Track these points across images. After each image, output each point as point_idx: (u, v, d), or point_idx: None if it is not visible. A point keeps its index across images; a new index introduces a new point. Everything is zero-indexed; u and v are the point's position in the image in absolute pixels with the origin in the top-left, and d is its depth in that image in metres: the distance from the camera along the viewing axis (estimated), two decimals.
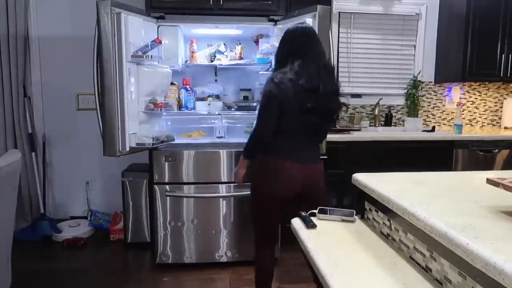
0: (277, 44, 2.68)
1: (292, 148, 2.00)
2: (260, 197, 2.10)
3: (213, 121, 3.19)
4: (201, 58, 3.12)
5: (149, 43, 2.58)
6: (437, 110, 3.93)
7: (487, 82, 3.90)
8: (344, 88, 3.80)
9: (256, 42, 3.18)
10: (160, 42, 2.64)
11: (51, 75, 3.52)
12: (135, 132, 2.60)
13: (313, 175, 2.07)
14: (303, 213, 1.63)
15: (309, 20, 2.52)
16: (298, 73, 1.90)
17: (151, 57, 2.58)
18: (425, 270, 1.18)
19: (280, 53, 2.05)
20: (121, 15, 2.40)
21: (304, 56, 1.93)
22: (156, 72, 2.77)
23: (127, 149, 2.53)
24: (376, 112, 3.79)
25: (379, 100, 3.78)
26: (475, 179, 1.58)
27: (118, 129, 2.49)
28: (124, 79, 2.46)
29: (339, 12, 3.69)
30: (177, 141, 2.86)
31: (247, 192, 2.79)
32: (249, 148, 2.11)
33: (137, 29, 2.58)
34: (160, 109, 2.72)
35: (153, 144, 2.64)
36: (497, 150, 3.36)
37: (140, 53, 2.52)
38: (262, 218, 2.16)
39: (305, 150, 2.05)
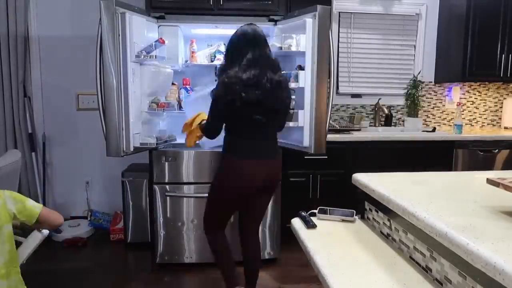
0: (277, 44, 2.71)
1: (246, 146, 2.09)
2: (221, 191, 2.18)
3: None
4: (201, 58, 3.11)
5: (153, 43, 2.58)
6: (437, 110, 3.93)
7: (487, 82, 3.89)
8: (344, 88, 3.81)
9: None
10: (164, 42, 2.64)
11: (51, 75, 3.52)
12: (139, 132, 2.60)
13: (271, 171, 2.18)
14: (303, 213, 1.63)
15: (309, 20, 2.52)
16: (244, 70, 2.00)
17: (155, 57, 2.58)
18: (425, 270, 1.18)
19: (228, 52, 2.17)
20: (125, 15, 2.39)
21: (247, 54, 2.05)
22: (158, 72, 2.77)
23: (131, 149, 2.52)
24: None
25: (379, 100, 3.78)
26: (475, 179, 1.58)
27: (123, 129, 2.49)
28: (128, 79, 2.45)
29: (339, 12, 3.68)
30: (177, 141, 2.86)
31: None
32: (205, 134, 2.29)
33: (140, 29, 2.58)
34: (163, 109, 2.72)
35: (157, 143, 2.64)
36: (497, 150, 3.35)
37: (144, 53, 2.52)
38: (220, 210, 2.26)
39: (260, 146, 2.13)
